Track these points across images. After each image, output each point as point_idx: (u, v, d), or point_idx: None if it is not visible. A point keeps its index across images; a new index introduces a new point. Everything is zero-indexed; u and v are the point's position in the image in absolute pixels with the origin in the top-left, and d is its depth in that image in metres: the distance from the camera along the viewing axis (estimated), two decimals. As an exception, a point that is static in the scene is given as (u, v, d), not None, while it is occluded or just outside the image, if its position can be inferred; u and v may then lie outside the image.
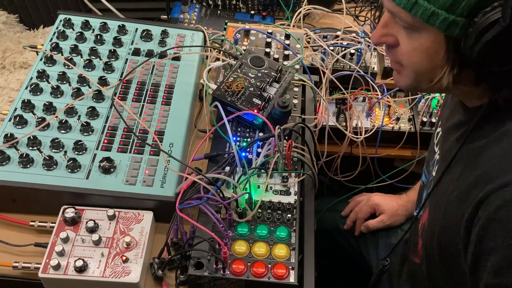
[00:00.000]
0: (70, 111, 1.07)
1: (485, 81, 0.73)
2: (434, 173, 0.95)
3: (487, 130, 0.77)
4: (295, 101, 1.18)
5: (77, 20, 1.28)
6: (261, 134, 1.08)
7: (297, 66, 1.28)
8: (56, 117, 1.06)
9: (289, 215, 0.95)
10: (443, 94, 1.40)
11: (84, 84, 1.14)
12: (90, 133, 1.05)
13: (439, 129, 1.00)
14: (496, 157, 0.72)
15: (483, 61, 0.67)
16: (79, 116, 1.07)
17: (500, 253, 0.67)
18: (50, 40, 1.23)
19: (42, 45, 1.22)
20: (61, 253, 0.88)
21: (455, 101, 0.92)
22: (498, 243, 0.67)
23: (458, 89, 0.78)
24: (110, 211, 0.94)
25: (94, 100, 1.11)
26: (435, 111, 1.41)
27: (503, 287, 0.67)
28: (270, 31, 1.34)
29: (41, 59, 1.18)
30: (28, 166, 0.97)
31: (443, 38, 0.70)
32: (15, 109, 1.07)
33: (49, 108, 1.07)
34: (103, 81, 1.14)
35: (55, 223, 0.94)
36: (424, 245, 0.97)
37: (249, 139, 1.08)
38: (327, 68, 1.35)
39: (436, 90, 0.82)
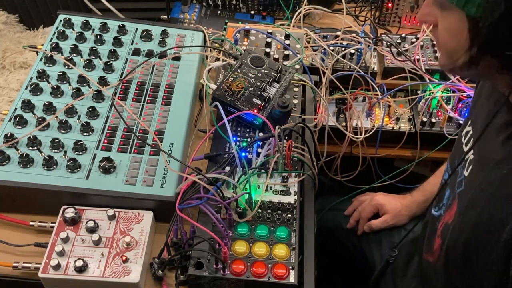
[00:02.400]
0: (70, 111, 1.07)
1: (506, 67, 0.72)
2: (466, 173, 0.91)
3: None
4: (295, 101, 1.18)
5: (77, 20, 1.28)
6: (261, 134, 1.08)
7: (297, 66, 1.28)
8: (56, 117, 1.06)
9: (289, 215, 0.95)
10: (443, 94, 1.40)
11: (84, 84, 1.14)
12: (90, 133, 1.05)
13: (469, 128, 0.97)
14: None
15: (497, 43, 0.66)
16: (79, 116, 1.08)
17: None
18: (50, 40, 1.23)
19: (42, 45, 1.22)
20: (61, 253, 0.88)
21: (494, 98, 0.89)
22: None
23: (486, 76, 0.77)
24: (110, 211, 0.94)
25: (94, 100, 1.11)
26: (435, 111, 1.41)
27: None
28: (270, 31, 1.34)
29: (41, 59, 1.19)
30: (28, 166, 0.97)
31: (465, 18, 0.70)
32: (15, 109, 1.07)
33: (49, 108, 1.07)
34: (103, 81, 1.14)
35: (55, 223, 0.94)
36: (444, 244, 0.94)
37: (249, 139, 1.08)
38: (327, 68, 1.35)
39: (472, 75, 0.81)
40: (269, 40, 1.32)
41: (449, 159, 1.05)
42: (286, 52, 1.28)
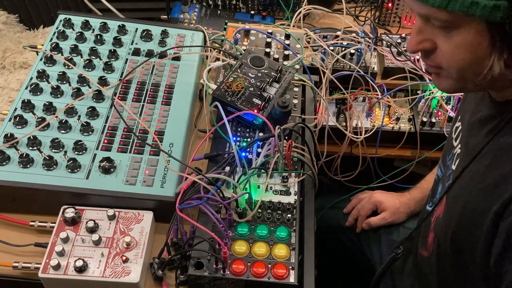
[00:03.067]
0: (70, 111, 1.07)
1: None
2: (453, 167, 0.94)
3: None
4: (295, 101, 1.18)
5: (77, 20, 1.28)
6: (261, 134, 1.08)
7: (297, 66, 1.28)
8: (56, 117, 1.06)
9: (289, 215, 0.95)
10: (443, 94, 1.40)
11: (84, 84, 1.14)
12: (90, 133, 1.05)
13: (458, 124, 0.99)
14: None
15: None
16: (79, 116, 1.07)
17: None
18: (50, 40, 1.23)
19: (42, 45, 1.22)
20: (61, 253, 0.88)
21: (480, 95, 0.90)
22: None
23: (507, 79, 0.75)
24: (110, 211, 0.94)
25: (94, 100, 1.11)
26: (435, 111, 1.41)
27: None
28: (270, 31, 1.34)
29: (41, 59, 1.18)
30: (28, 166, 0.97)
31: (485, 27, 0.68)
32: (15, 109, 1.07)
33: (49, 108, 1.07)
34: (103, 81, 1.14)
35: (55, 223, 0.94)
36: (436, 238, 0.97)
37: (249, 139, 1.08)
38: (327, 68, 1.35)
39: (481, 87, 0.79)
40: (269, 40, 1.32)
41: (441, 156, 1.07)
42: (286, 52, 1.28)
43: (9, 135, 1.00)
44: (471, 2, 0.65)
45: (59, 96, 1.11)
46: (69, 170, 0.97)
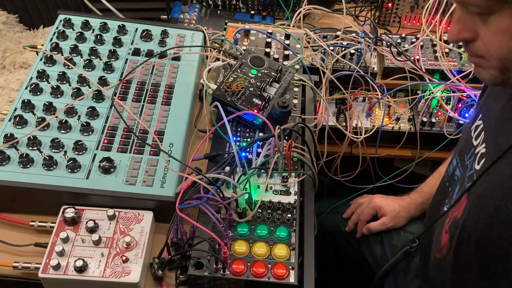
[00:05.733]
0: (70, 111, 1.07)
1: None
2: (477, 167, 0.91)
3: None
4: (295, 101, 1.18)
5: (77, 20, 1.28)
6: (261, 134, 1.08)
7: (297, 66, 1.28)
8: (56, 117, 1.06)
9: (289, 215, 0.95)
10: (443, 94, 1.40)
11: (84, 84, 1.14)
12: (90, 133, 1.05)
13: (479, 122, 0.97)
14: None
15: None
16: (79, 116, 1.07)
17: None
18: (50, 40, 1.23)
19: (42, 45, 1.22)
20: (61, 253, 0.88)
21: (508, 94, 0.88)
22: None
23: None
24: (110, 211, 0.94)
25: (94, 100, 1.11)
26: (435, 111, 1.41)
27: None
28: (270, 31, 1.34)
29: (41, 59, 1.19)
30: (28, 166, 0.97)
31: None
32: (15, 109, 1.07)
33: (49, 108, 1.07)
34: (103, 81, 1.14)
35: (55, 223, 0.94)
36: (453, 240, 0.93)
37: (249, 139, 1.08)
38: (327, 68, 1.35)
39: None
40: (269, 40, 1.32)
41: (456, 156, 1.04)
42: (286, 52, 1.28)
43: (9, 135, 1.00)
44: None
45: (59, 96, 1.11)
46: (69, 170, 0.97)
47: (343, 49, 1.42)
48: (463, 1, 0.71)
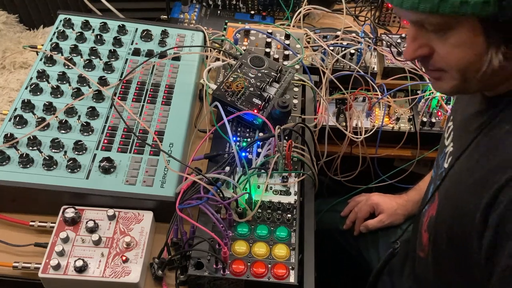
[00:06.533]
0: (70, 111, 1.07)
1: None
2: (446, 165, 0.95)
3: (509, 116, 0.76)
4: (295, 101, 1.18)
5: (77, 20, 1.28)
6: (261, 134, 1.08)
7: (297, 66, 1.28)
8: (56, 117, 1.06)
9: (289, 215, 0.95)
10: (443, 94, 1.40)
11: (84, 84, 1.14)
12: (90, 133, 1.04)
13: (450, 124, 1.00)
14: None
15: None
16: (79, 116, 1.07)
17: None
18: (50, 40, 1.23)
19: (42, 45, 1.22)
20: (61, 253, 0.88)
21: (469, 95, 0.91)
22: None
23: (507, 71, 0.75)
24: (110, 211, 0.94)
25: (94, 100, 1.11)
26: (435, 111, 1.41)
27: None
28: (270, 31, 1.34)
29: (41, 59, 1.19)
30: (28, 166, 0.97)
31: (478, 23, 0.68)
32: (15, 109, 1.07)
33: (49, 108, 1.07)
34: (103, 81, 1.14)
35: (55, 223, 0.94)
36: (431, 237, 0.97)
37: (249, 139, 1.08)
38: (327, 68, 1.35)
39: (483, 84, 0.79)
40: (269, 40, 1.32)
41: (436, 158, 1.08)
42: (286, 52, 1.28)
43: (9, 135, 1.00)
44: (461, 2, 0.66)
45: (59, 96, 1.11)
46: (69, 170, 0.97)
47: (343, 49, 1.42)
48: (419, 21, 0.73)
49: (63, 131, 1.04)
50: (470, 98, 0.92)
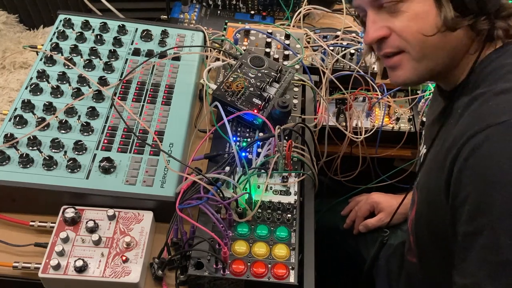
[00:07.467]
0: (70, 111, 1.07)
1: (476, 12, 0.76)
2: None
3: (461, 102, 0.80)
4: (295, 101, 1.18)
5: (77, 20, 1.28)
6: (261, 134, 1.08)
7: (297, 66, 1.28)
8: (56, 117, 1.06)
9: (289, 215, 0.95)
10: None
11: (84, 84, 1.14)
12: (90, 133, 1.05)
13: (425, 129, 1.06)
14: (467, 118, 0.75)
15: None
16: (79, 116, 1.07)
17: (470, 200, 0.68)
18: (50, 40, 1.23)
19: (42, 45, 1.22)
20: (61, 253, 0.88)
21: (434, 98, 0.97)
22: (468, 191, 0.69)
23: (466, 45, 0.80)
24: (110, 211, 0.94)
25: (94, 100, 1.11)
26: (435, 111, 1.42)
27: (478, 233, 0.67)
28: (270, 31, 1.34)
29: (41, 59, 1.18)
30: (28, 166, 0.97)
31: None
32: (15, 109, 1.07)
33: (49, 108, 1.07)
34: (103, 81, 1.14)
35: (55, 223, 0.94)
36: (415, 238, 0.99)
37: (249, 139, 1.08)
38: (327, 68, 1.35)
39: (443, 66, 0.83)
40: (269, 40, 1.32)
41: None
42: (286, 52, 1.28)
43: (9, 135, 1.00)
44: None
45: (59, 96, 1.11)
46: (69, 170, 0.97)
47: (343, 49, 1.42)
48: (375, 1, 0.80)
49: (63, 131, 1.04)
50: (433, 102, 0.97)
